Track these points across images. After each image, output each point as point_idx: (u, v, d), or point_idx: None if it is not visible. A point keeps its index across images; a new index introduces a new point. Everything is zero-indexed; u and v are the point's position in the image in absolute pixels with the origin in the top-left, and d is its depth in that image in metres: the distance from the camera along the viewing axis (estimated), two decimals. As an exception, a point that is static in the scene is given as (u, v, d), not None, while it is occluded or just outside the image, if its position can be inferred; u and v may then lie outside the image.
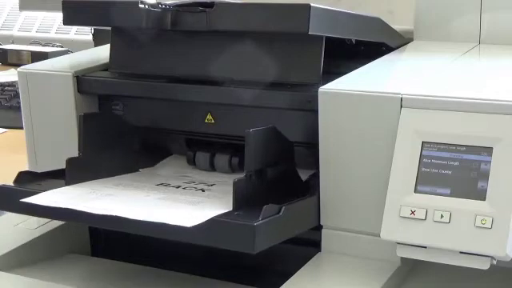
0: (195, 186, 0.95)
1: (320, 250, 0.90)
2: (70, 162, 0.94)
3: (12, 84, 1.80)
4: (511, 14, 1.09)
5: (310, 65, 0.93)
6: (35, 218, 1.02)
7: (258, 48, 0.94)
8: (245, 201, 0.84)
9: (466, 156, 0.79)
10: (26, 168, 1.05)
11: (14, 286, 0.92)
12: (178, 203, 0.87)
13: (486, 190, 0.77)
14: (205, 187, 0.94)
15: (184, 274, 0.96)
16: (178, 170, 1.03)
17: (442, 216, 0.78)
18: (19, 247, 0.98)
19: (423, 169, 0.80)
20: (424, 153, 0.81)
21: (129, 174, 1.00)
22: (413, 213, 0.79)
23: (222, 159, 0.99)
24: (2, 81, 1.87)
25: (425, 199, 0.79)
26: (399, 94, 0.83)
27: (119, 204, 0.85)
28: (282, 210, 0.82)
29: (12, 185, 0.94)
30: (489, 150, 0.78)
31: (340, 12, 0.96)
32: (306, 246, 0.91)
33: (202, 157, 1.00)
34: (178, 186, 0.94)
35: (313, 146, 0.89)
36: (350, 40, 1.00)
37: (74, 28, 2.44)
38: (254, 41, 0.94)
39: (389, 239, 0.81)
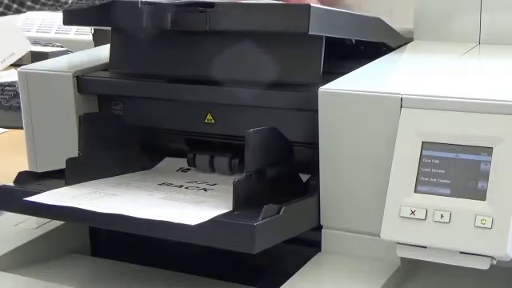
0: (197, 185, 0.95)
1: (320, 250, 0.90)
2: (70, 162, 0.94)
3: (12, 84, 1.80)
4: (511, 14, 1.09)
5: (310, 65, 0.93)
6: (35, 218, 1.02)
7: (258, 48, 0.94)
8: (245, 201, 0.84)
9: (466, 156, 0.79)
10: (26, 168, 1.05)
11: (14, 286, 0.92)
12: (181, 202, 0.87)
13: (485, 190, 0.77)
14: (207, 187, 0.95)
15: (184, 273, 0.96)
16: (178, 169, 1.03)
17: (441, 216, 0.78)
18: (19, 247, 0.98)
19: (423, 169, 0.80)
20: (424, 153, 0.81)
21: (130, 174, 1.00)
22: (413, 213, 0.79)
23: (221, 161, 0.99)
24: (2, 81, 1.86)
25: (425, 199, 0.79)
26: (399, 94, 0.83)
27: (124, 203, 0.86)
28: (282, 209, 0.82)
29: (12, 185, 0.94)
30: (489, 150, 0.78)
31: (340, 12, 0.96)
32: (306, 245, 0.91)
33: (202, 159, 1.00)
34: (181, 186, 0.95)
35: (313, 145, 0.89)
36: (350, 40, 1.00)
37: (74, 28, 2.44)
38: (254, 41, 0.94)
39: (389, 239, 0.81)
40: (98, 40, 1.92)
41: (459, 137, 0.80)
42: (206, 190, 0.93)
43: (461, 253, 0.78)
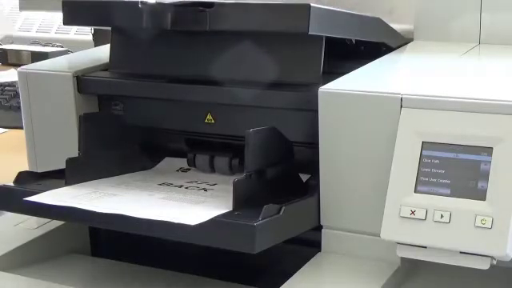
0: (197, 185, 0.95)
1: (320, 250, 0.90)
2: (70, 161, 0.94)
3: (12, 84, 1.80)
4: (511, 14, 1.09)
5: (310, 65, 0.93)
6: (35, 218, 1.02)
7: (258, 48, 0.94)
8: (245, 201, 0.84)
9: (466, 156, 0.79)
10: (26, 168, 1.05)
11: (14, 286, 0.92)
12: (181, 202, 0.87)
13: (485, 190, 0.77)
14: (207, 187, 0.95)
15: (184, 273, 0.96)
16: (178, 169, 1.03)
17: (441, 216, 0.78)
18: (19, 247, 0.98)
19: (423, 169, 0.80)
20: (424, 153, 0.81)
21: (130, 174, 1.00)
22: (413, 213, 0.79)
23: (221, 161, 0.99)
24: (2, 81, 1.86)
25: (425, 199, 0.79)
26: (399, 94, 0.83)
27: (124, 203, 0.86)
28: (282, 209, 0.82)
29: (12, 185, 0.94)
30: (489, 150, 0.78)
31: (340, 12, 0.96)
32: (306, 245, 0.91)
33: (202, 159, 1.00)
34: (181, 186, 0.95)
35: (313, 145, 0.89)
36: (350, 40, 1.00)
37: (74, 28, 2.44)
38: (254, 41, 0.94)
39: (389, 239, 0.81)
40: (98, 40, 1.92)
41: (459, 137, 0.80)
42: (206, 190, 0.93)
43: (461, 253, 0.78)
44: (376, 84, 0.88)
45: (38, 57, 2.00)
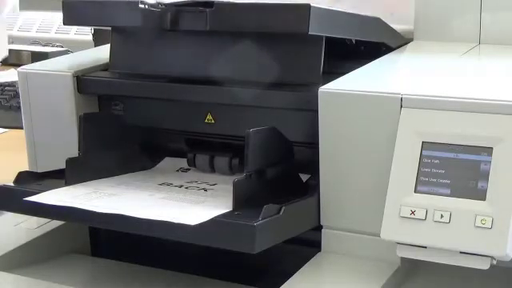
0: (197, 185, 0.95)
1: (320, 250, 0.90)
2: (70, 162, 0.94)
3: (12, 84, 1.80)
4: (511, 14, 1.09)
5: (310, 65, 0.93)
6: (35, 218, 1.02)
7: (258, 48, 0.94)
8: (245, 201, 0.84)
9: (466, 156, 0.79)
10: (26, 168, 1.05)
11: (14, 286, 0.92)
12: (181, 202, 0.87)
13: (485, 190, 0.77)
14: (207, 187, 0.95)
15: (184, 273, 0.96)
16: (178, 169, 1.03)
17: (441, 216, 0.78)
18: (19, 247, 0.98)
19: (423, 169, 0.80)
20: (424, 153, 0.81)
21: (130, 174, 1.00)
22: (413, 213, 0.79)
23: (221, 161, 0.99)
24: (2, 81, 1.86)
25: (425, 199, 0.79)
26: (399, 94, 0.83)
27: (124, 203, 0.86)
28: (282, 209, 0.82)
29: (12, 185, 0.94)
30: (489, 150, 0.78)
31: (340, 12, 0.96)
32: (306, 245, 0.91)
33: (202, 159, 1.00)
34: (181, 186, 0.95)
35: (313, 145, 0.89)
36: (350, 40, 1.00)
37: (74, 28, 2.44)
38: (254, 41, 0.94)
39: (389, 239, 0.81)
40: (97, 40, 1.93)
41: (459, 137, 0.80)
42: (206, 190, 0.93)
43: (461, 253, 0.78)
44: (376, 84, 0.88)
45: (37, 57, 2.00)
